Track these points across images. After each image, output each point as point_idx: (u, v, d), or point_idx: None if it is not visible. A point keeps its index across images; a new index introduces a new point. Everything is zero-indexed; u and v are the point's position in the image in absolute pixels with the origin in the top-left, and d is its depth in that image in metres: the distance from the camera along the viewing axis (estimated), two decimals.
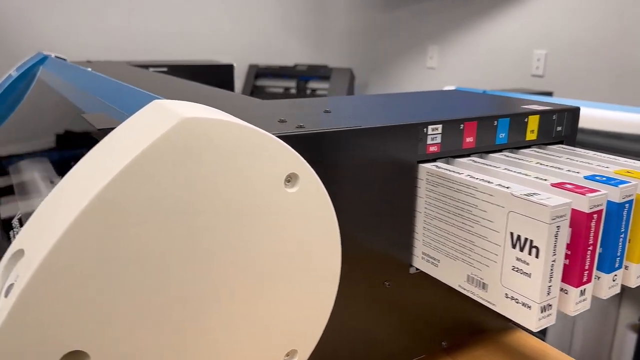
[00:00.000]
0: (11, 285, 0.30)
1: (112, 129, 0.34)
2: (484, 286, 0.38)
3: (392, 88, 3.14)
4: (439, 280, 0.44)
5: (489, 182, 0.37)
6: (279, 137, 0.36)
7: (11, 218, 0.57)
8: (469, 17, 2.57)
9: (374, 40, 3.28)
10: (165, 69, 1.03)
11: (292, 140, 0.36)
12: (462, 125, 0.43)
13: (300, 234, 0.36)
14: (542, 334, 1.20)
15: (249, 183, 0.33)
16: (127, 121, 0.34)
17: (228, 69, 1.11)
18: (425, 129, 0.41)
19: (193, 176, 0.31)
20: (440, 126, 0.42)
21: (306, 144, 0.37)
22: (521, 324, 0.36)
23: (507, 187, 0.36)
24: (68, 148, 0.48)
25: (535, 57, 2.26)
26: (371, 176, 0.40)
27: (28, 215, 0.52)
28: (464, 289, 0.40)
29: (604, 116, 1.18)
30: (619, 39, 1.95)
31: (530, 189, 0.36)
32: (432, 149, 0.42)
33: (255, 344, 0.36)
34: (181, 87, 0.54)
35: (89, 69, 0.66)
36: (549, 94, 1.80)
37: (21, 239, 0.31)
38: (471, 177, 0.38)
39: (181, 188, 0.31)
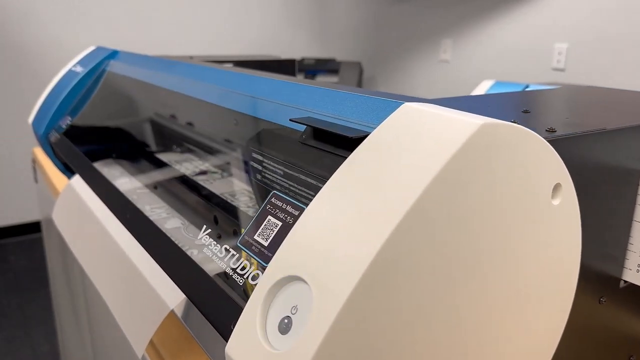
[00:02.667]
0: (287, 320, 0.26)
1: (365, 137, 0.30)
2: None
3: (402, 81, 3.11)
4: None
5: None
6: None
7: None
8: (485, 9, 2.55)
9: (383, 33, 3.24)
10: (230, 64, 0.99)
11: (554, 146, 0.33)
12: None
13: (554, 248, 0.33)
14: None
15: (525, 192, 0.30)
16: (383, 128, 0.29)
17: (290, 64, 1.07)
18: None
19: (484, 183, 0.27)
20: None
21: (560, 150, 0.33)
22: None
23: None
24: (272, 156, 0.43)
25: (556, 51, 2.25)
26: (593, 183, 0.37)
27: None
28: None
29: None
30: None
31: None
32: None
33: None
34: (326, 85, 0.50)
35: (203, 65, 0.61)
36: None
37: (291, 265, 0.27)
38: None
39: (474, 196, 0.27)
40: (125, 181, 0.70)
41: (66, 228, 0.69)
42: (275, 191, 0.35)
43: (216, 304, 0.32)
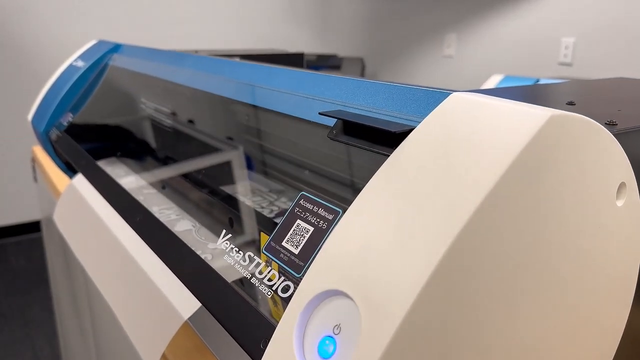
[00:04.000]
0: (329, 341, 0.23)
1: (410, 131, 0.27)
2: None
3: (405, 77, 3.08)
4: None
5: None
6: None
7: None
8: (490, 3, 2.52)
9: (385, 28, 3.21)
10: (237, 58, 0.95)
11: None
12: None
13: (615, 254, 0.29)
14: None
15: (590, 192, 0.26)
16: (432, 121, 0.26)
17: (298, 58, 1.03)
18: None
19: (552, 182, 0.24)
20: None
21: (624, 145, 0.30)
22: None
23: None
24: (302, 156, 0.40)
25: (563, 45, 2.22)
26: None
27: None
28: None
29: None
30: None
31: None
32: None
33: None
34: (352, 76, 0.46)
35: (219, 57, 0.58)
36: None
37: (332, 277, 0.24)
38: None
39: (541, 197, 0.24)
40: (131, 181, 0.66)
41: (69, 231, 0.65)
42: (303, 192, 0.31)
43: (242, 318, 0.29)
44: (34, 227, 2.67)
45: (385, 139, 0.28)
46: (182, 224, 0.52)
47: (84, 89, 0.79)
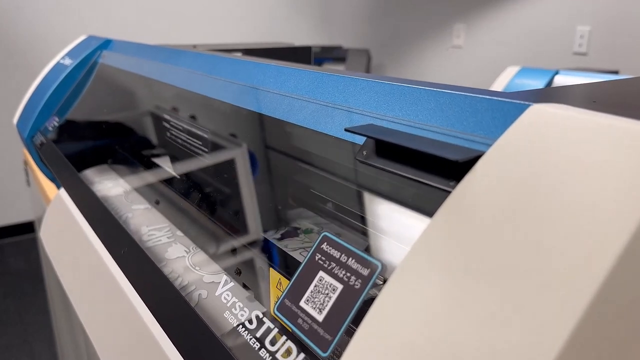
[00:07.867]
0: None
1: (478, 158, 0.19)
2: None
3: (413, 68, 2.99)
4: None
5: None
6: None
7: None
8: None
9: (391, 18, 3.12)
10: (239, 53, 0.88)
11: None
12: None
13: None
14: None
15: None
16: (508, 147, 0.19)
17: (306, 52, 0.96)
18: None
19: None
20: None
21: None
22: None
23: None
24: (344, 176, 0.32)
25: (578, 34, 2.13)
26: None
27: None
28: None
29: None
30: None
31: None
32: None
33: None
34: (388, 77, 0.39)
35: (216, 54, 0.50)
36: (615, 72, 1.67)
37: None
38: None
39: None
40: (120, 193, 0.60)
41: (56, 254, 0.58)
42: (326, 233, 0.24)
43: None
44: (33, 227, 2.62)
45: (442, 167, 0.21)
46: (174, 250, 0.45)
47: (72, 89, 0.72)
